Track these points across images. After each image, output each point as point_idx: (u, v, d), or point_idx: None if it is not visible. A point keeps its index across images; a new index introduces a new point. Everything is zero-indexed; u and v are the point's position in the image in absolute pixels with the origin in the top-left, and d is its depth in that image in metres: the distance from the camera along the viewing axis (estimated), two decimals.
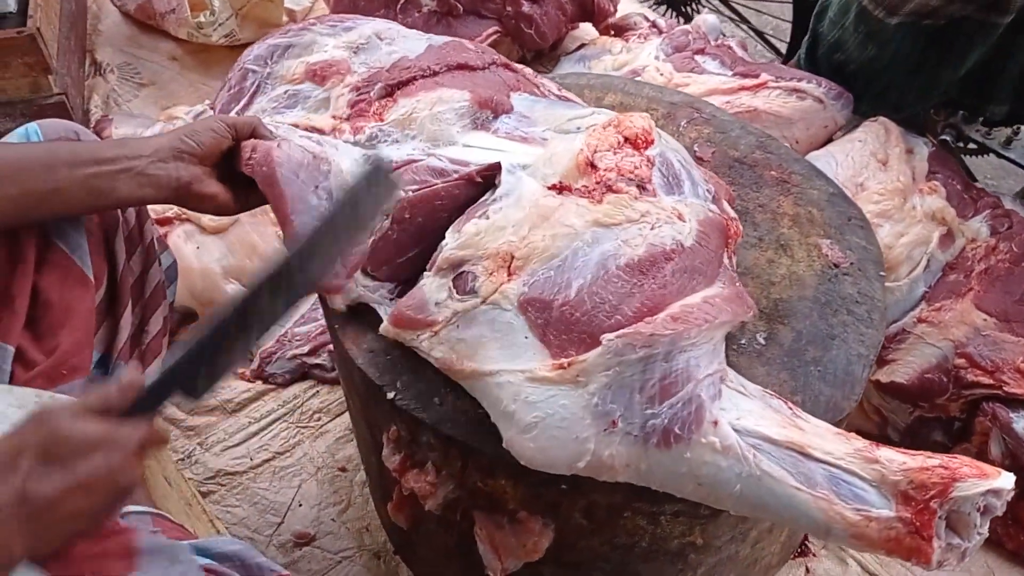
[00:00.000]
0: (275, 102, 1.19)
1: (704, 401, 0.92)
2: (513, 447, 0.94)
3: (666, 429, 0.90)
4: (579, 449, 0.91)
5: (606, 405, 0.91)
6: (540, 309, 0.96)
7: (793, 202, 1.30)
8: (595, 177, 1.05)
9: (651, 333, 0.92)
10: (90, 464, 0.75)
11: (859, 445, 0.92)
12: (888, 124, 1.74)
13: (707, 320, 0.95)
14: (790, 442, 0.92)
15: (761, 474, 0.90)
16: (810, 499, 0.89)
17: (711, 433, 0.90)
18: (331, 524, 1.48)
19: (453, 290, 1.00)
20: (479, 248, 1.01)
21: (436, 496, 1.11)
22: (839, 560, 1.44)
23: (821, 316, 1.15)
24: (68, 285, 1.09)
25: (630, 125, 1.10)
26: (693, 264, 1.01)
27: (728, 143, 1.38)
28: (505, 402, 0.93)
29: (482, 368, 0.95)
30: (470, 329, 0.97)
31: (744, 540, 1.20)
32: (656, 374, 0.91)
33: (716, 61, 1.90)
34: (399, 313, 1.03)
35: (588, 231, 1.00)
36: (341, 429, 1.61)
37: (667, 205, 1.04)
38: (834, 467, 0.90)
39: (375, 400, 1.12)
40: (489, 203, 1.07)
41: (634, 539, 1.11)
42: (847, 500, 0.88)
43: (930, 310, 1.55)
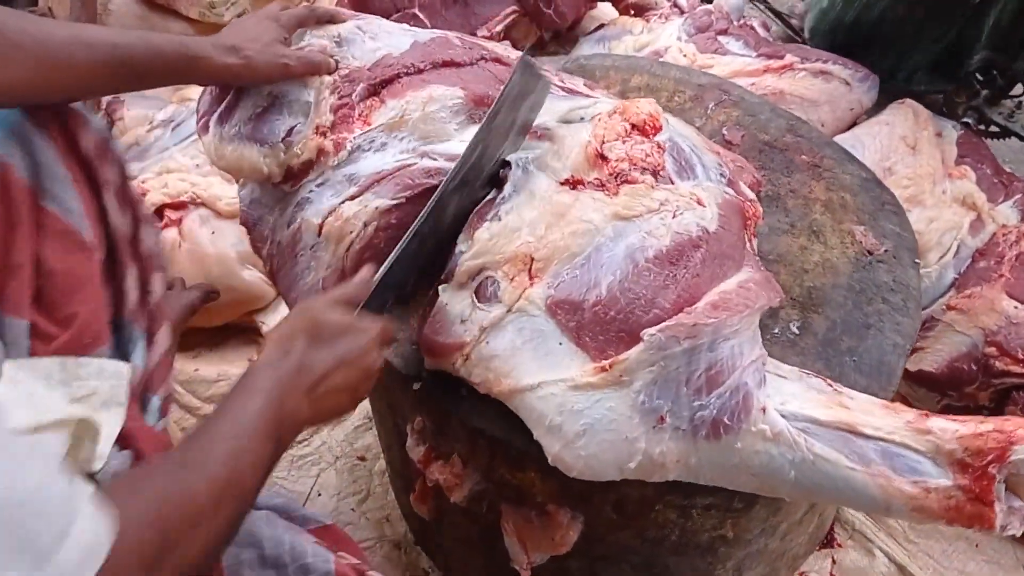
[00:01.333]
0: (257, 107, 1.15)
1: (751, 388, 0.89)
2: (562, 461, 0.90)
3: (715, 420, 0.88)
4: (630, 450, 0.88)
5: (653, 401, 0.88)
6: (571, 311, 0.93)
7: (825, 187, 1.27)
8: (607, 168, 1.01)
9: (694, 323, 0.89)
10: (348, 344, 0.88)
11: (909, 417, 0.90)
12: (917, 107, 1.71)
13: (747, 306, 0.92)
14: (838, 422, 0.90)
15: (814, 458, 0.88)
16: (867, 478, 0.87)
17: (760, 420, 0.88)
18: (351, 514, 1.46)
19: (476, 300, 0.97)
20: (496, 252, 0.98)
21: (462, 488, 1.09)
22: (865, 551, 1.42)
23: (856, 305, 1.12)
24: (69, 251, 1.04)
25: (636, 111, 1.06)
26: (721, 249, 0.98)
27: (758, 126, 1.35)
28: (551, 416, 0.90)
29: (521, 384, 0.92)
30: (501, 342, 0.94)
31: (774, 533, 1.18)
32: (702, 365, 0.89)
33: (740, 42, 1.86)
34: (429, 341, 0.98)
35: (608, 225, 0.97)
36: (360, 418, 1.59)
37: (685, 191, 1.01)
38: (886, 442, 0.88)
39: (400, 391, 1.10)
40: (499, 203, 1.02)
41: (664, 532, 1.09)
42: (904, 474, 0.86)
43: (960, 297, 1.52)
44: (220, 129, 1.15)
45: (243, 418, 0.77)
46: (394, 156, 1.12)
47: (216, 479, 0.71)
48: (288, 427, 0.82)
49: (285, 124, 1.12)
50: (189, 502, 0.68)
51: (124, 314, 1.13)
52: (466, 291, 0.98)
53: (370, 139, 1.12)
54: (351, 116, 1.13)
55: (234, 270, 1.71)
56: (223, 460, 0.73)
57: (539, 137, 1.11)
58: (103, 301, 1.09)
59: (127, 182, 1.15)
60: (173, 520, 0.66)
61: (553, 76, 1.23)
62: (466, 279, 0.98)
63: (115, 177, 1.11)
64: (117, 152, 1.12)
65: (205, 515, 0.69)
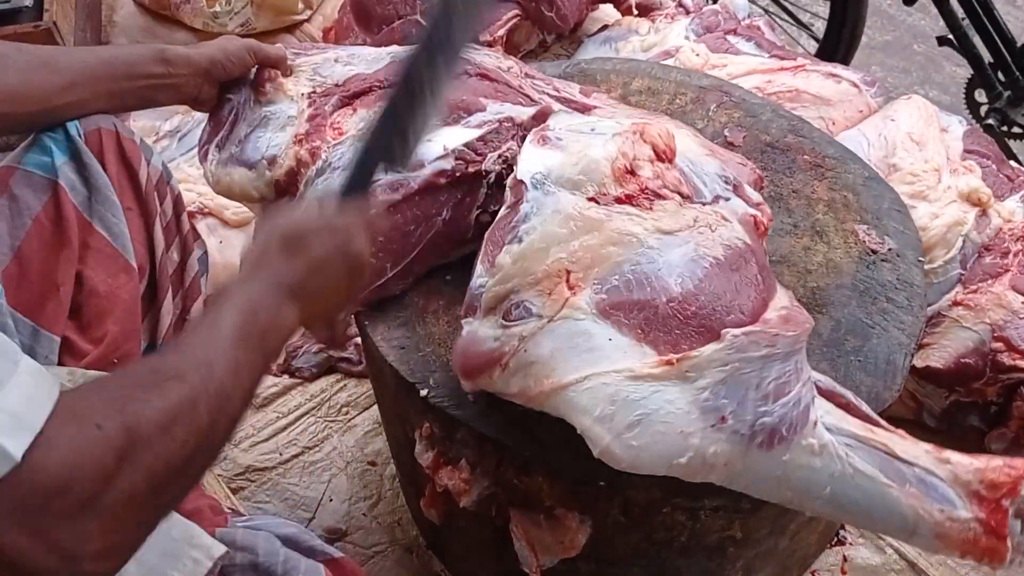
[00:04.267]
0: (250, 126, 1.20)
1: (809, 402, 0.90)
2: (610, 453, 0.89)
3: (773, 429, 0.88)
4: (683, 444, 0.88)
5: (717, 400, 0.88)
6: (636, 309, 0.92)
7: (828, 187, 1.27)
8: (635, 183, 1.01)
9: (776, 333, 0.90)
10: (324, 242, 0.87)
11: (927, 446, 0.91)
12: (922, 102, 1.70)
13: (809, 324, 0.94)
14: (875, 440, 0.91)
15: (854, 472, 0.89)
16: (901, 497, 0.88)
17: (811, 435, 0.89)
18: (362, 519, 1.47)
19: (505, 322, 0.94)
20: (524, 275, 0.95)
21: (470, 493, 1.10)
22: (877, 548, 1.42)
23: (860, 304, 1.13)
24: (112, 272, 1.11)
25: (657, 140, 1.06)
26: (763, 262, 1.00)
27: (759, 127, 1.35)
28: (601, 406, 0.88)
29: (565, 380, 0.90)
30: (541, 347, 0.92)
31: (783, 533, 1.18)
32: (772, 373, 0.89)
33: (751, 42, 1.87)
34: (463, 364, 0.97)
35: (651, 238, 0.96)
36: (369, 423, 1.60)
37: (709, 209, 1.02)
38: (915, 466, 0.89)
39: (407, 397, 1.10)
40: (516, 224, 1.00)
41: (672, 534, 1.09)
42: (934, 500, 0.87)
43: (966, 293, 1.52)
44: (217, 155, 1.19)
45: (216, 328, 0.76)
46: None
47: (189, 383, 0.69)
48: (274, 335, 0.81)
49: (267, 140, 1.16)
50: (160, 402, 0.66)
51: (157, 338, 1.17)
52: (493, 317, 0.96)
53: (341, 155, 1.13)
54: (324, 125, 1.15)
55: None
56: (195, 366, 0.71)
57: (548, 143, 1.11)
58: (138, 323, 1.13)
59: (181, 215, 1.23)
60: (141, 415, 0.64)
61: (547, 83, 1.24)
62: (494, 305, 0.96)
63: (168, 209, 1.19)
64: (174, 187, 1.21)
65: (179, 417, 0.66)
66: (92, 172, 1.09)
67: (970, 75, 2.28)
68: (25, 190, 1.05)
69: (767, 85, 1.70)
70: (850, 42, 2.40)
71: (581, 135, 1.10)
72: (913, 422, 1.57)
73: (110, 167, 1.11)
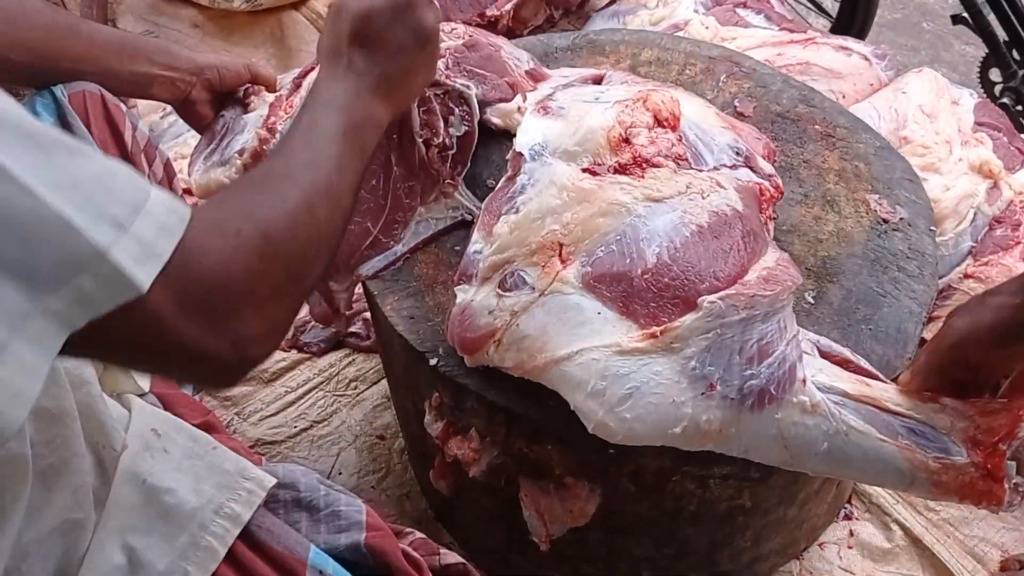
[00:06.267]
0: (233, 134, 1.24)
1: (794, 360, 0.91)
2: (605, 427, 0.90)
3: (762, 390, 0.89)
4: (676, 414, 0.89)
5: (704, 368, 0.89)
6: (615, 282, 0.93)
7: (839, 156, 1.26)
8: (629, 151, 1.02)
9: (753, 294, 0.90)
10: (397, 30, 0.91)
11: (927, 397, 0.92)
12: (933, 74, 1.69)
13: (793, 281, 0.94)
14: (864, 396, 0.92)
15: (848, 429, 0.90)
16: (896, 450, 0.89)
17: (801, 392, 0.90)
18: (371, 492, 1.47)
19: (501, 292, 0.96)
20: (521, 245, 0.97)
21: (480, 463, 1.10)
22: (882, 524, 1.42)
23: (871, 273, 1.12)
24: None
25: (660, 106, 1.07)
26: (753, 228, 1.00)
27: (770, 97, 1.34)
28: (593, 381, 0.90)
29: (558, 354, 0.91)
30: (532, 322, 0.93)
31: (792, 502, 1.18)
32: (754, 336, 0.90)
33: (760, 15, 1.85)
34: (460, 339, 0.98)
35: (640, 206, 0.97)
36: (378, 397, 1.60)
37: (705, 176, 1.03)
38: (908, 418, 0.91)
39: (417, 367, 1.10)
40: (514, 195, 1.02)
41: (682, 503, 1.09)
42: (927, 449, 0.89)
43: (977, 265, 1.51)
44: (203, 166, 1.23)
45: (315, 131, 0.82)
46: None
47: (301, 185, 0.75)
48: (369, 131, 0.87)
49: (243, 139, 1.21)
50: (282, 206, 0.73)
51: None
52: (489, 286, 0.97)
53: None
54: (280, 105, 1.21)
55: None
56: (304, 167, 0.77)
57: (550, 113, 1.10)
58: None
59: (173, 179, 1.26)
60: (270, 220, 0.70)
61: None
62: (490, 274, 0.98)
63: (158, 171, 1.22)
64: (163, 152, 1.24)
65: (300, 218, 0.73)
66: (78, 133, 1.10)
67: (984, 54, 2.26)
68: None
69: (777, 58, 1.69)
70: (864, 21, 2.38)
71: (584, 104, 1.11)
72: None
73: (96, 128, 1.13)
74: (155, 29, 2.35)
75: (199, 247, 0.63)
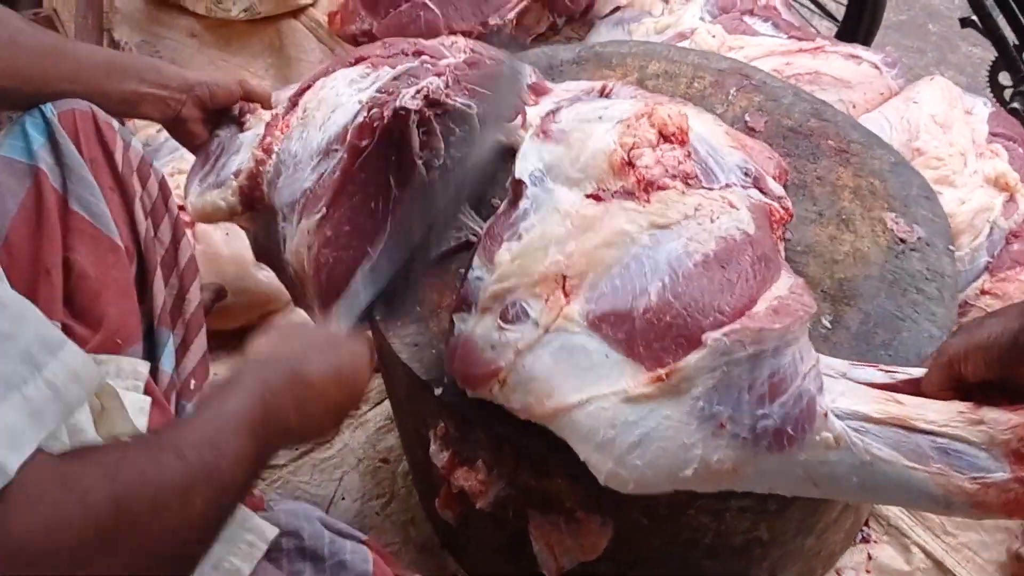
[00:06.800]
0: (228, 154, 1.25)
1: (813, 395, 0.86)
2: (616, 477, 0.87)
3: (778, 430, 0.84)
4: (686, 456, 0.85)
5: (712, 407, 0.85)
6: (618, 322, 0.89)
7: (853, 173, 1.22)
8: (634, 175, 0.98)
9: (760, 329, 0.86)
10: (344, 359, 0.88)
11: (961, 407, 0.86)
12: (945, 83, 1.65)
13: (806, 311, 0.89)
14: (891, 417, 0.86)
15: (872, 459, 0.85)
16: (927, 476, 0.84)
17: (823, 429, 0.85)
18: (375, 518, 1.44)
19: (502, 323, 0.92)
20: (523, 275, 0.93)
21: (487, 495, 1.07)
22: (901, 546, 1.38)
23: (889, 296, 1.09)
24: (98, 253, 1.09)
25: (667, 121, 1.03)
26: (763, 252, 0.96)
27: (781, 111, 1.31)
28: (602, 431, 0.86)
29: (567, 401, 0.88)
30: (539, 363, 0.90)
31: (811, 532, 1.15)
32: (765, 372, 0.86)
33: (768, 23, 1.82)
34: (461, 373, 0.95)
35: (645, 235, 0.93)
36: (381, 418, 1.57)
37: (716, 195, 0.99)
38: (940, 436, 0.85)
39: (421, 396, 1.07)
40: (516, 221, 0.98)
41: (697, 536, 1.06)
42: (962, 470, 0.83)
43: (994, 281, 1.48)
44: (199, 188, 1.24)
45: (225, 411, 0.72)
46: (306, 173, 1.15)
47: (188, 462, 0.65)
48: (274, 432, 0.76)
49: (239, 160, 1.20)
50: (155, 478, 0.61)
51: (154, 319, 1.15)
52: (489, 316, 0.94)
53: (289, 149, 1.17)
54: (276, 124, 1.21)
55: (249, 271, 1.69)
56: (197, 445, 0.66)
57: (550, 138, 1.07)
58: (135, 303, 1.12)
59: (168, 197, 1.22)
60: (132, 493, 0.59)
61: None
62: (490, 305, 0.94)
63: (153, 191, 1.19)
64: (158, 170, 1.21)
65: (171, 499, 0.62)
66: (66, 153, 1.08)
67: (994, 57, 2.22)
68: (8, 177, 1.04)
69: (786, 67, 1.66)
70: (870, 25, 2.34)
71: (586, 124, 1.07)
72: None
73: (86, 148, 1.10)
74: (151, 39, 2.32)
75: (28, 498, 0.53)
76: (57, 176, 1.07)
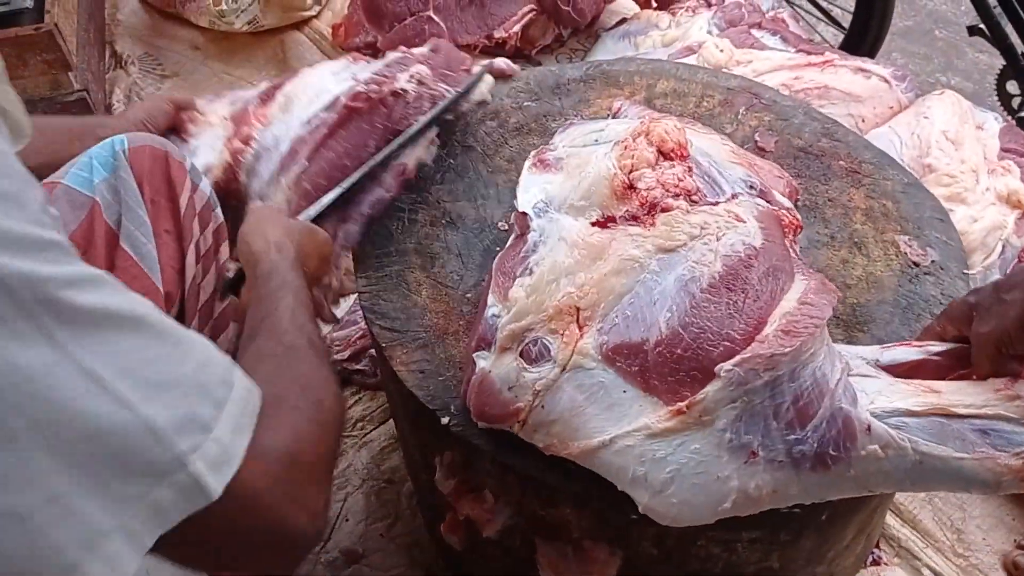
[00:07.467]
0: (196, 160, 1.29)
1: (848, 412, 0.85)
2: (653, 511, 0.86)
3: (819, 454, 0.84)
4: (723, 489, 0.84)
5: (741, 437, 0.84)
6: (631, 355, 0.88)
7: (865, 195, 1.21)
8: (637, 198, 0.97)
9: (771, 354, 0.84)
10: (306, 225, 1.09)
11: (997, 384, 0.87)
12: (956, 97, 1.64)
13: (815, 324, 0.87)
14: (931, 407, 0.86)
15: (922, 457, 0.85)
16: (975, 463, 0.84)
17: (868, 442, 0.84)
18: (379, 540, 1.42)
19: (523, 363, 0.91)
20: (538, 311, 0.92)
21: (494, 524, 1.06)
22: (913, 570, 1.37)
23: (903, 322, 1.07)
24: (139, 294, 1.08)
25: (665, 138, 1.01)
26: (772, 264, 0.94)
27: (791, 131, 1.29)
28: (632, 468, 0.85)
29: (592, 443, 0.86)
30: (558, 404, 0.88)
31: (822, 560, 1.13)
32: (787, 397, 0.84)
33: (776, 36, 1.80)
34: (479, 412, 0.94)
35: (652, 259, 0.92)
36: (385, 438, 1.55)
37: (721, 211, 0.97)
38: (980, 418, 0.86)
39: (427, 423, 1.05)
40: (526, 255, 0.97)
41: (707, 566, 1.04)
42: (1006, 449, 0.84)
43: None
44: None
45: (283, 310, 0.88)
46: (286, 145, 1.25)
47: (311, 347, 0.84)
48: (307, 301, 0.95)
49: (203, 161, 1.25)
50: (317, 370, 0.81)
51: None
52: (508, 355, 0.92)
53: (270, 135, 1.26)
54: (248, 120, 1.28)
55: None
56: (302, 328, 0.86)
57: (548, 167, 1.06)
58: None
59: (220, 245, 1.24)
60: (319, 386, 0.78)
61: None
62: (508, 344, 0.92)
63: (209, 237, 1.20)
64: (218, 215, 1.21)
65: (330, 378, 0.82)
66: (127, 190, 1.08)
67: (1001, 65, 2.20)
68: (66, 205, 1.05)
69: (795, 82, 1.64)
70: (878, 33, 2.32)
71: (583, 149, 1.07)
72: None
73: (148, 187, 1.10)
74: (154, 52, 2.30)
75: (273, 427, 0.66)
76: (114, 212, 1.08)
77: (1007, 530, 1.43)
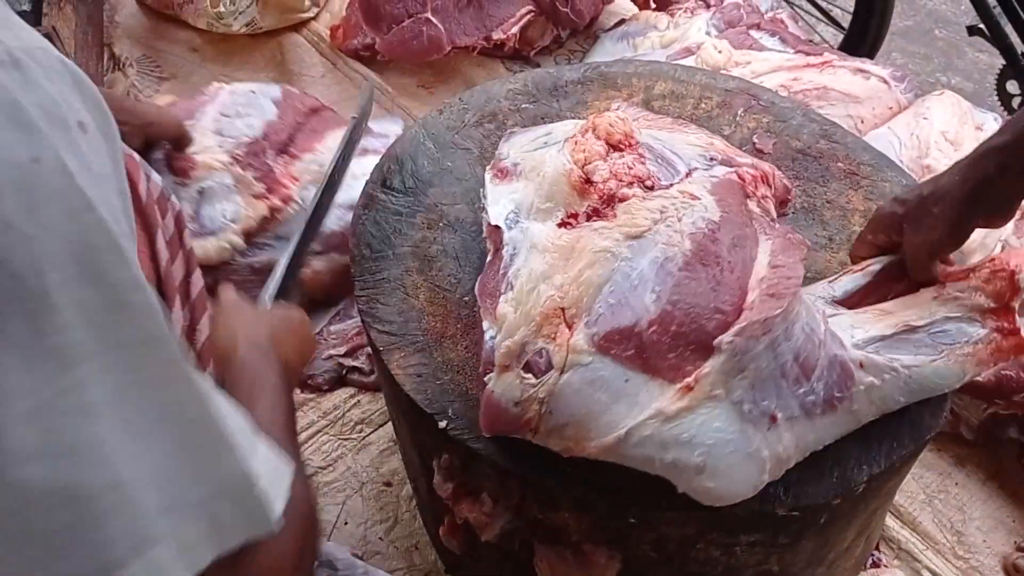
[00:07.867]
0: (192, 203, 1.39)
1: (841, 355, 0.91)
2: (694, 493, 0.87)
3: (827, 399, 0.90)
4: (756, 462, 0.86)
5: (759, 406, 0.86)
6: (624, 339, 0.88)
7: (864, 196, 1.21)
8: (595, 192, 0.98)
9: (765, 319, 0.86)
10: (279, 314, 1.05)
11: (931, 293, 0.99)
12: (955, 98, 1.63)
13: (794, 283, 0.91)
14: (897, 326, 0.96)
15: (909, 372, 0.94)
16: (945, 362, 0.95)
17: (864, 376, 0.91)
18: (379, 543, 1.42)
19: (527, 377, 0.90)
20: (528, 321, 0.92)
21: (492, 527, 1.05)
22: (912, 571, 1.36)
23: None
24: None
25: (611, 130, 1.03)
26: (734, 232, 0.97)
27: (789, 132, 1.29)
28: (657, 456, 0.85)
29: (608, 440, 0.86)
30: (565, 408, 0.88)
31: (821, 563, 1.13)
32: (788, 356, 0.88)
33: (775, 37, 1.80)
34: (491, 430, 0.94)
35: (623, 247, 0.93)
36: (384, 440, 1.55)
37: (675, 192, 0.99)
38: (931, 325, 0.97)
39: (425, 427, 1.05)
40: (505, 269, 0.98)
41: (706, 570, 1.04)
42: (962, 343, 0.95)
43: None
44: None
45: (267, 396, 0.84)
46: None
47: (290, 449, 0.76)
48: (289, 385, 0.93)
49: (220, 209, 1.32)
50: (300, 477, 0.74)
51: None
52: (509, 374, 0.91)
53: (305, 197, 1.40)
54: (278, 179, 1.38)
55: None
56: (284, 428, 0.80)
57: (508, 175, 1.07)
58: None
59: (182, 232, 1.24)
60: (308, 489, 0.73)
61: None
62: (509, 361, 0.92)
63: (170, 224, 1.20)
64: (175, 203, 1.22)
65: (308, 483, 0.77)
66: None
67: (1001, 65, 2.20)
68: None
69: (793, 83, 1.64)
70: (877, 33, 2.32)
71: (534, 152, 1.08)
72: (949, 435, 1.51)
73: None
74: (152, 54, 2.29)
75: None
76: None
77: (1007, 532, 1.42)
